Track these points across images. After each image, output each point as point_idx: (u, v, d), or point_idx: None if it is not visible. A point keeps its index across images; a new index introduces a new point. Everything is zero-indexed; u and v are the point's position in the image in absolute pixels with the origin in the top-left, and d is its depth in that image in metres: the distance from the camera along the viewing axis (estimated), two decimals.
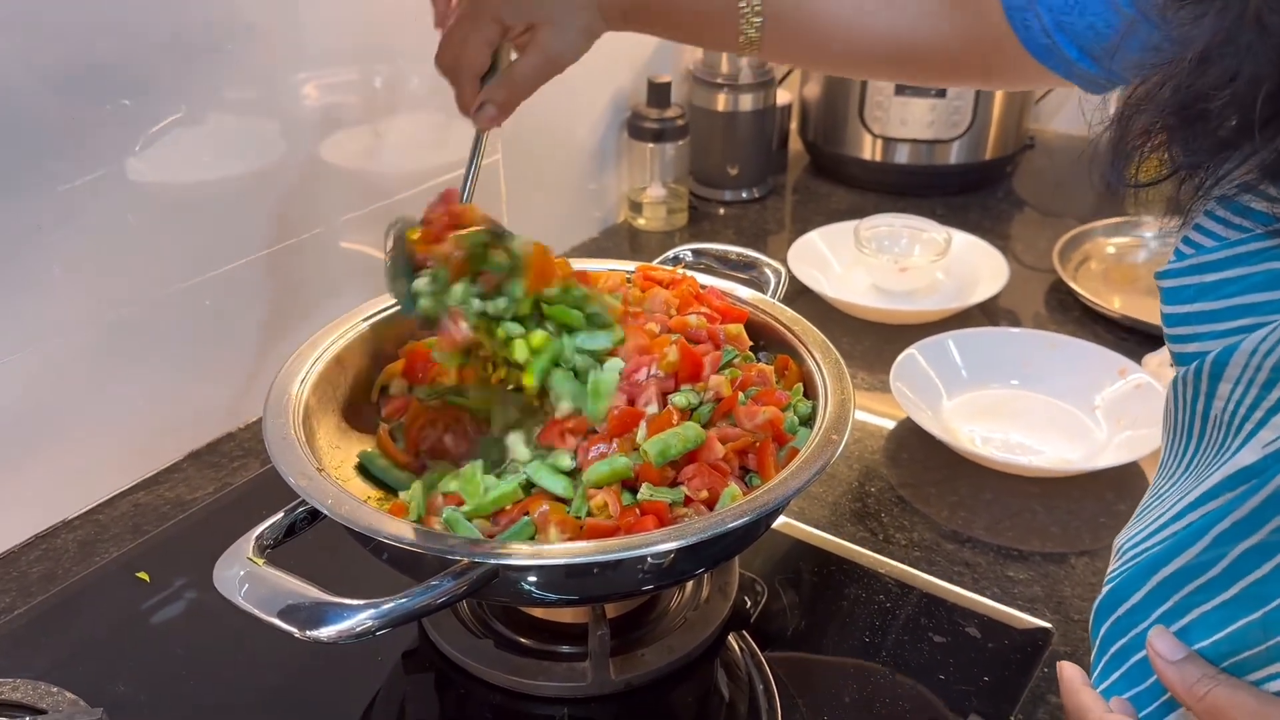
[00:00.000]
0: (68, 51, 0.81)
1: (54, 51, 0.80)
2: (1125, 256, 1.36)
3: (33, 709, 0.69)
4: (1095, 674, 0.54)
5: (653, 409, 0.69)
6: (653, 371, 0.70)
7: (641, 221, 1.45)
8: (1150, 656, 0.47)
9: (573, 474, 0.68)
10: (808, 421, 0.73)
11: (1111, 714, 0.50)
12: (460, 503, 0.66)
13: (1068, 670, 0.53)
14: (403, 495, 0.70)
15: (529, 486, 0.67)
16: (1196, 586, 0.46)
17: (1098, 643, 0.54)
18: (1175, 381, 0.50)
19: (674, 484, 0.66)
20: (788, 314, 0.81)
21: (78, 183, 0.84)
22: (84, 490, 0.92)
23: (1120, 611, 0.51)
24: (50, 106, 0.80)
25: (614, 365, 0.70)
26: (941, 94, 1.45)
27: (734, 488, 0.66)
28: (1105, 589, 0.53)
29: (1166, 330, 0.50)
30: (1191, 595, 0.47)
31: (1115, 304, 1.23)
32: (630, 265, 0.88)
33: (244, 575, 0.58)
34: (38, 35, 0.78)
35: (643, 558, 0.60)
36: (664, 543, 0.59)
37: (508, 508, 0.65)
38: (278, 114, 0.98)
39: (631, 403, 0.69)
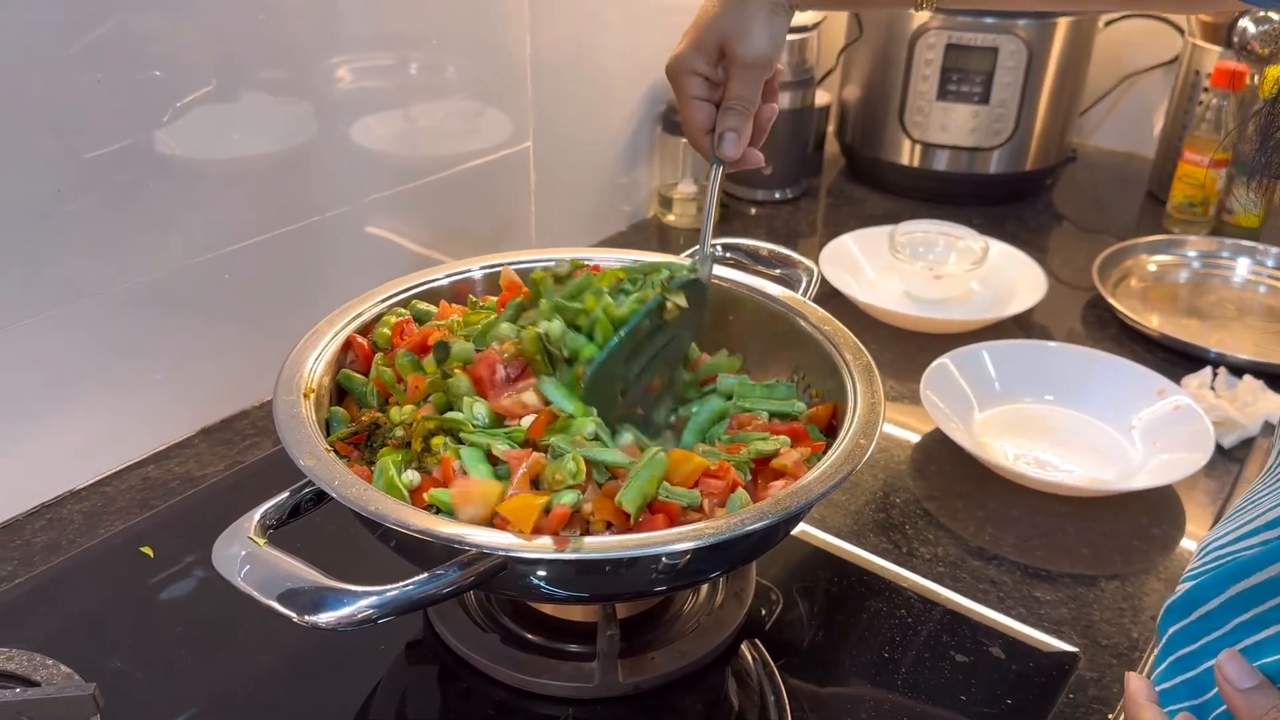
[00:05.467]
0: (103, 23, 0.79)
1: (89, 22, 0.78)
2: (1166, 275, 1.33)
3: (26, 680, 0.67)
4: (1156, 675, 0.52)
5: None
6: None
7: (671, 218, 1.43)
8: (1218, 680, 0.45)
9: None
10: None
11: None
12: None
13: (1134, 683, 0.52)
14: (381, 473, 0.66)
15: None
16: None
17: (1163, 643, 0.52)
18: None
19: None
20: (819, 313, 0.78)
21: (102, 151, 0.82)
22: (93, 461, 0.90)
23: (1194, 616, 0.49)
24: (81, 75, 0.79)
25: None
26: (985, 100, 1.42)
27: (742, 493, 0.63)
28: (1181, 589, 0.51)
29: None
30: (1274, 610, 0.45)
31: (1153, 322, 1.19)
32: (655, 256, 0.86)
33: (245, 555, 0.56)
34: (75, 6, 0.77)
35: (657, 557, 0.58)
36: (681, 542, 0.56)
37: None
38: (309, 95, 0.97)
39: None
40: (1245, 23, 1.37)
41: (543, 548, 0.56)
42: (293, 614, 0.52)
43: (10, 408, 0.83)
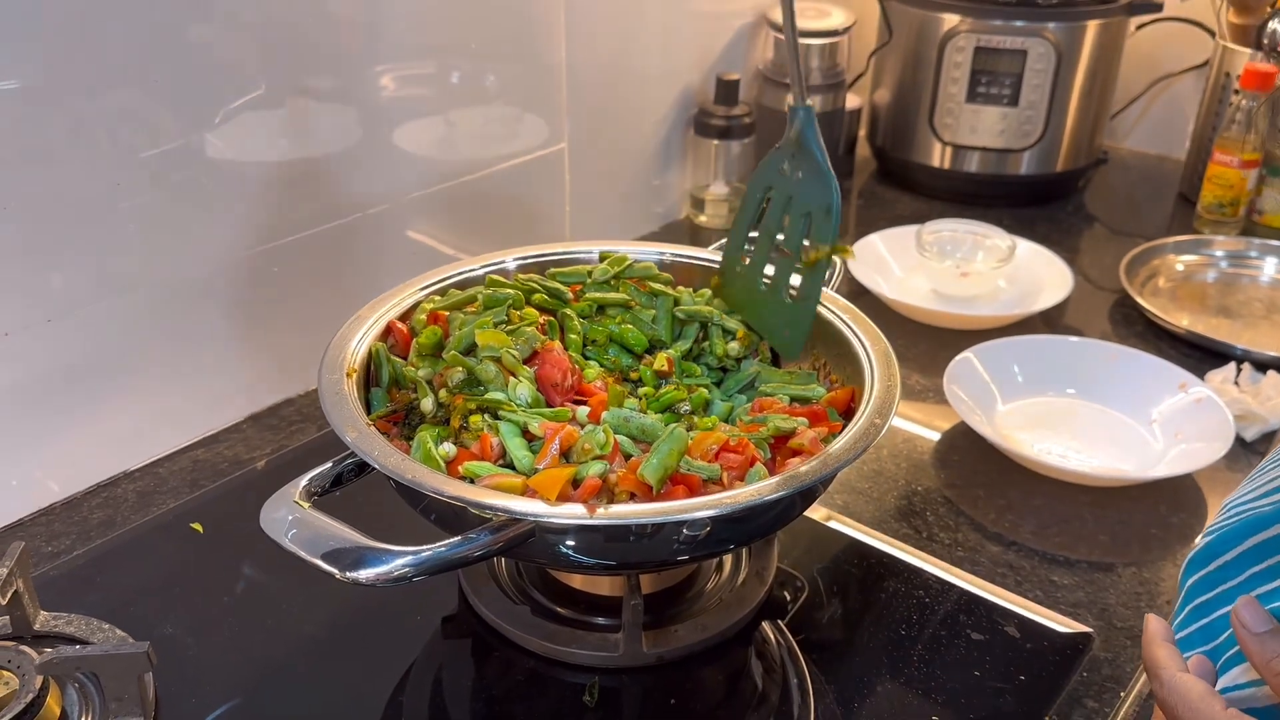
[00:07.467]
0: (160, 29, 0.84)
1: (147, 28, 0.83)
2: (1194, 275, 1.34)
3: (82, 642, 0.71)
4: (1176, 622, 0.55)
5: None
6: None
7: (703, 218, 1.46)
8: (1234, 624, 0.47)
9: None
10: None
11: (1184, 674, 0.50)
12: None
13: (1153, 623, 0.54)
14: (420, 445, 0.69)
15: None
16: None
17: (1183, 594, 0.54)
18: None
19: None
20: (840, 302, 0.81)
21: (156, 150, 0.87)
22: (146, 444, 0.95)
23: (1212, 566, 0.52)
24: (136, 78, 0.83)
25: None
26: (1014, 102, 1.44)
27: (760, 467, 0.66)
28: (1201, 543, 0.53)
29: None
30: None
31: (1183, 322, 1.20)
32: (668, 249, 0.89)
33: (292, 519, 0.60)
34: (132, 13, 0.82)
35: (680, 525, 0.61)
36: (702, 510, 0.59)
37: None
38: (354, 101, 1.01)
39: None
40: (1275, 25, 1.38)
41: (569, 514, 0.59)
42: (335, 571, 0.56)
43: (70, 393, 0.87)
